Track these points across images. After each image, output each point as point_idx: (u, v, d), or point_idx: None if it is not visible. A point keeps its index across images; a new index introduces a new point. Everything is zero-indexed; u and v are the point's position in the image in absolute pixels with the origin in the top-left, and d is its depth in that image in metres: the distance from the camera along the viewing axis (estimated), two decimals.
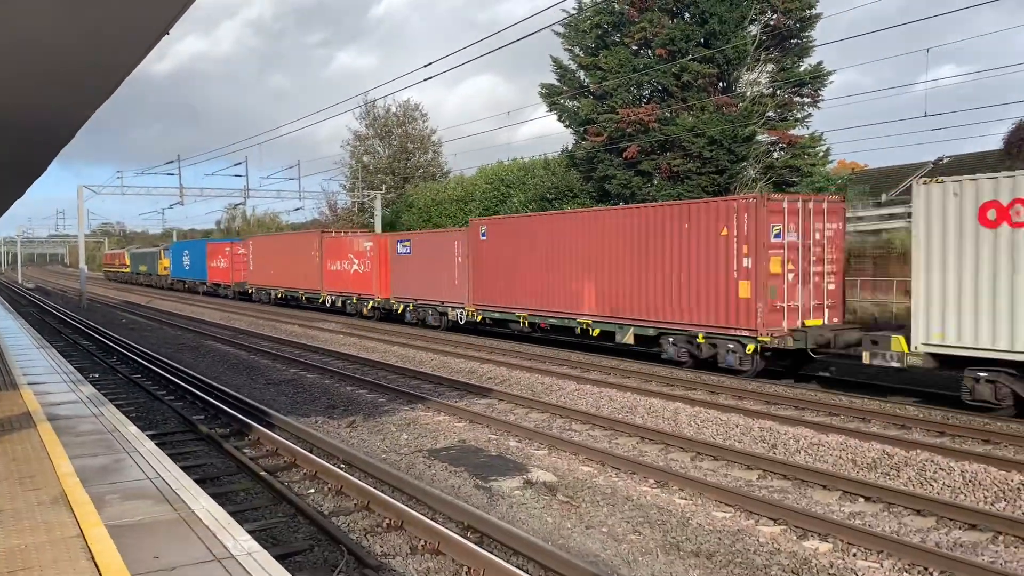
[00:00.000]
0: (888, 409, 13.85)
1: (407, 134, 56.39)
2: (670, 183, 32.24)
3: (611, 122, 33.41)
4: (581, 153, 36.31)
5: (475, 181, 45.62)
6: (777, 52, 33.13)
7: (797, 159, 32.71)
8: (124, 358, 21.79)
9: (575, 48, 36.46)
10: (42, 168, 18.28)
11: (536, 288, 23.24)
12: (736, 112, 31.35)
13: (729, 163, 31.06)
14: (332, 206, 59.15)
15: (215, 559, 4.78)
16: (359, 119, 56.25)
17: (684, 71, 31.85)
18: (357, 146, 56.98)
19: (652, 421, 13.43)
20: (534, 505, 9.24)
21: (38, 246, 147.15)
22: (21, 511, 5.71)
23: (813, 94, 33.53)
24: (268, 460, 11.15)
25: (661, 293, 18.91)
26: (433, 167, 56.73)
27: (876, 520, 8.66)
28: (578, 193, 36.90)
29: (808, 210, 17.24)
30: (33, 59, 7.55)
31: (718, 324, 17.52)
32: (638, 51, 34.44)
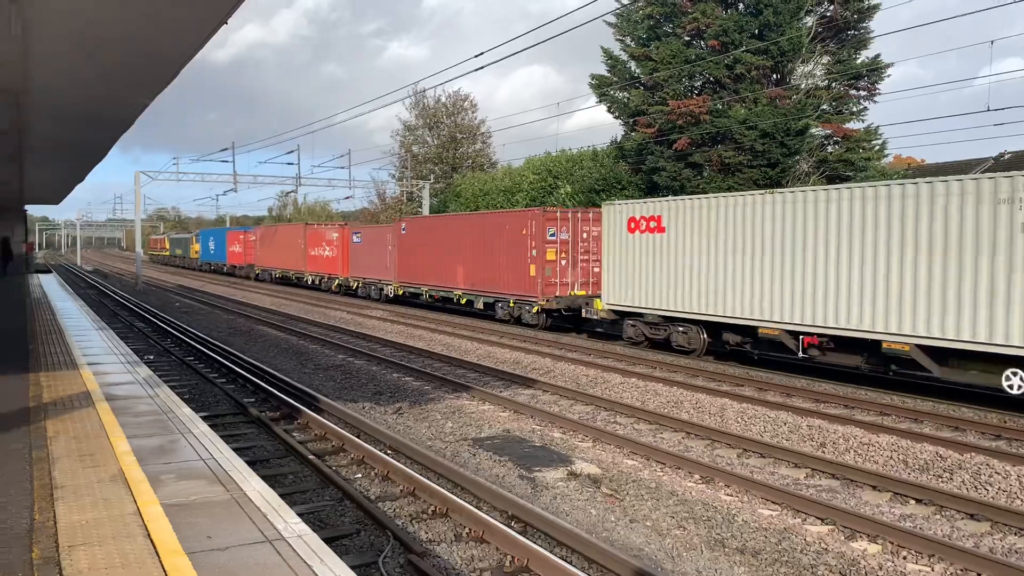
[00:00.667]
0: (942, 410, 13.55)
1: (456, 124, 56.60)
2: (721, 176, 31.86)
3: (661, 113, 33.11)
4: (630, 145, 36.05)
5: (522, 172, 45.59)
6: (833, 44, 32.49)
7: (852, 153, 32.08)
8: (178, 341, 22.30)
9: (626, 39, 36.18)
10: (103, 153, 18.80)
11: (433, 270, 31.06)
12: (790, 105, 30.84)
13: (781, 156, 30.59)
14: (381, 195, 59.69)
15: (266, 540, 4.87)
16: (409, 109, 56.63)
17: (737, 62, 31.41)
18: (407, 136, 57.39)
19: (698, 416, 13.33)
20: (578, 497, 9.25)
21: (96, 230, 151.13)
22: (82, 488, 5.89)
23: (870, 87, 32.85)
24: (316, 444, 11.33)
25: (495, 273, 26.90)
26: (481, 157, 56.88)
27: (928, 523, 8.50)
28: (626, 185, 36.68)
29: (577, 218, 25.45)
30: (99, 48, 7.75)
31: (521, 293, 25.65)
32: (690, 42, 34.04)
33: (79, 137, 15.04)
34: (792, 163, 31.18)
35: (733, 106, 31.63)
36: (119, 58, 8.40)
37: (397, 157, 57.58)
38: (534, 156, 46.71)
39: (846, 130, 32.36)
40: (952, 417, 13.01)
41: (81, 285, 49.23)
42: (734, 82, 32.26)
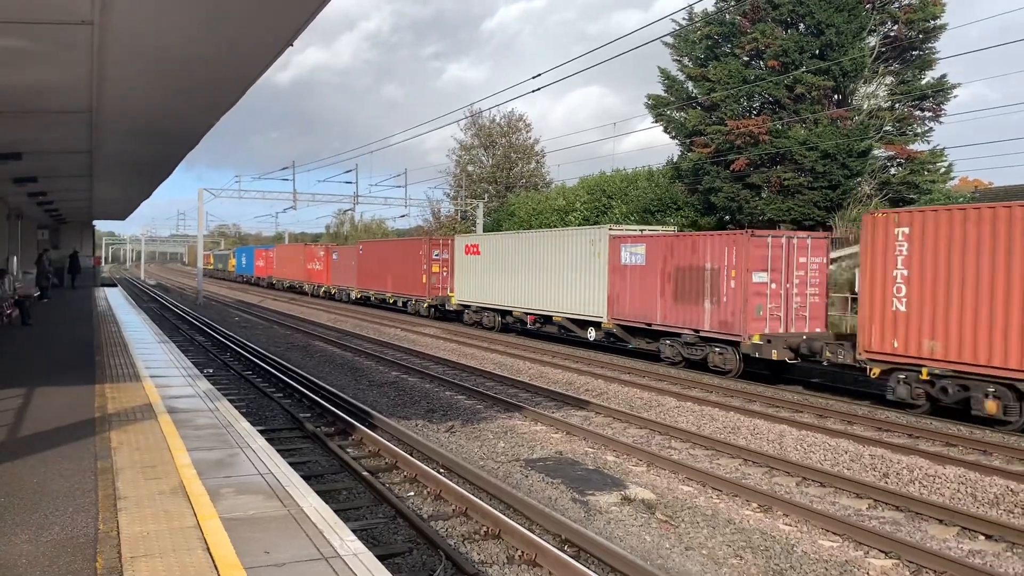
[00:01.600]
0: (1012, 442, 13.04)
1: (511, 144, 56.93)
2: (780, 197, 31.40)
3: (719, 134, 32.83)
4: (687, 165, 35.80)
5: (576, 191, 45.59)
6: (897, 64, 31.90)
7: (916, 175, 31.36)
8: (237, 355, 22.72)
9: (684, 59, 36.04)
10: (169, 170, 19.34)
11: (379, 279, 42.16)
12: (851, 126, 30.29)
13: (843, 178, 30.05)
14: (436, 214, 60.24)
15: (323, 558, 4.89)
16: (464, 129, 57.16)
17: (797, 83, 31.01)
18: (462, 155, 57.92)
19: (756, 443, 13.06)
20: (632, 522, 9.11)
21: (160, 245, 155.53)
22: (144, 499, 6.00)
23: (935, 108, 32.14)
24: (370, 461, 11.39)
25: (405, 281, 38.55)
26: (536, 177, 57.07)
27: (998, 560, 8.16)
28: (682, 206, 36.41)
29: (449, 243, 35.71)
30: (170, 69, 7.97)
31: (417, 294, 37.30)
32: (749, 62, 33.76)
33: (147, 155, 15.49)
34: (854, 185, 30.59)
35: (793, 127, 31.20)
36: (188, 79, 8.63)
37: (452, 176, 58.15)
38: (588, 176, 46.71)
39: (910, 152, 31.68)
40: (1023, 450, 12.51)
41: (144, 299, 50.57)
42: (794, 102, 31.85)
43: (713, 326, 19.93)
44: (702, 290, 20.27)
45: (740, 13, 33.16)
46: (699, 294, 20.36)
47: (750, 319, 18.99)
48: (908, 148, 31.81)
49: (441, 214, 59.88)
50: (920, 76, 31.67)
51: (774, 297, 19.26)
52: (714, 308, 19.90)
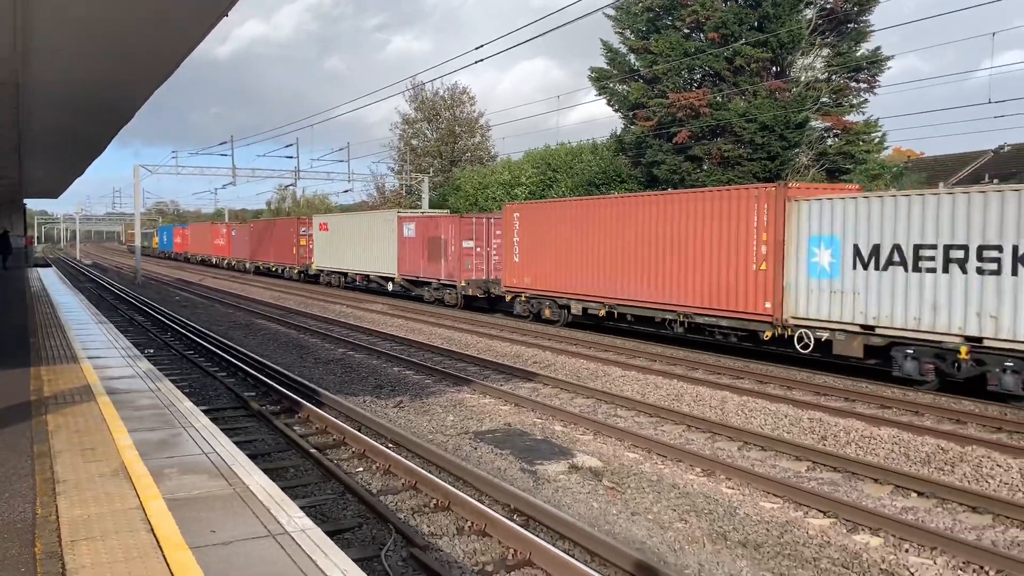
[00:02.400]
0: (942, 403, 13.55)
1: (455, 117, 56.50)
2: (720, 169, 31.82)
3: (661, 106, 33.05)
4: (630, 138, 36.00)
5: (522, 165, 45.52)
6: (833, 36, 32.44)
7: (852, 146, 32.05)
8: (178, 335, 22.29)
9: (626, 31, 36.10)
10: (102, 147, 18.74)
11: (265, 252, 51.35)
12: (789, 97, 30.78)
13: (781, 149, 30.55)
14: (380, 188, 59.61)
15: (270, 535, 4.86)
16: (408, 102, 56.52)
17: (737, 55, 31.34)
18: (405, 129, 57.30)
19: (699, 409, 13.33)
20: (579, 490, 9.25)
21: (95, 224, 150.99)
22: (83, 482, 5.87)
23: (870, 80, 32.81)
24: (317, 438, 11.33)
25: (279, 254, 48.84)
26: (480, 151, 56.79)
27: (929, 516, 8.50)
28: (626, 178, 36.65)
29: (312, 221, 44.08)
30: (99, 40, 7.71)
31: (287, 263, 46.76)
32: (690, 35, 33.97)
33: (78, 130, 14.98)
34: (791, 156, 31.15)
35: (733, 99, 31.58)
36: (119, 51, 8.36)
37: (396, 150, 57.53)
38: (533, 150, 46.67)
39: (846, 123, 32.34)
40: (953, 410, 13.01)
41: (80, 279, 49.16)
42: (734, 75, 32.20)
43: (445, 276, 30.57)
44: (440, 253, 30.56)
45: None
46: (439, 256, 30.68)
47: (463, 271, 29.65)
48: (844, 119, 32.46)
49: (386, 189, 59.29)
50: (855, 48, 32.28)
51: (477, 257, 29.80)
52: (445, 264, 30.43)
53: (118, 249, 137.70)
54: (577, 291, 22.87)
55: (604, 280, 21.73)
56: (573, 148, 43.39)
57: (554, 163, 42.68)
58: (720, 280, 18.10)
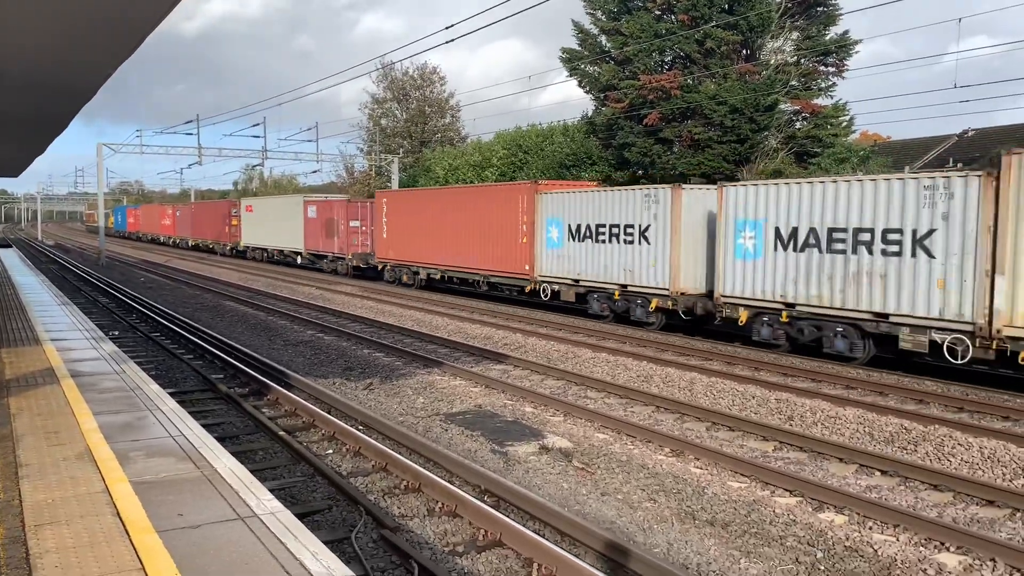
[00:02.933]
0: (906, 383, 13.79)
1: (424, 97, 56.05)
2: (691, 151, 31.94)
3: (632, 88, 33.03)
4: (601, 120, 35.95)
5: (492, 147, 45.34)
6: (802, 20, 32.58)
7: (820, 129, 32.28)
8: (144, 316, 21.98)
9: (597, 12, 35.96)
10: (63, 125, 18.25)
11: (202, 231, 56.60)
12: (759, 80, 30.92)
13: (751, 132, 30.71)
14: (349, 169, 59.09)
15: (239, 518, 4.83)
16: (377, 82, 55.96)
17: (707, 37, 31.39)
18: (375, 109, 56.75)
19: (668, 390, 13.44)
20: (550, 471, 9.29)
21: (58, 203, 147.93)
22: (47, 466, 5.78)
23: (838, 63, 33.00)
24: (286, 420, 11.25)
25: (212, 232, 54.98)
26: (451, 131, 56.44)
27: (893, 494, 8.66)
28: (597, 160, 36.65)
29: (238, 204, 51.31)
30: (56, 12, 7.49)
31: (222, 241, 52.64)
32: (661, 16, 33.93)
33: (37, 108, 14.57)
34: (761, 139, 31.33)
35: (703, 81, 31.66)
36: (79, 25, 8.13)
37: (365, 131, 57.00)
38: (504, 131, 46.48)
39: (814, 106, 32.53)
40: (916, 390, 13.25)
41: (42, 260, 48.26)
42: (704, 57, 32.26)
43: (337, 250, 37.19)
44: (334, 231, 36.99)
45: None
46: (333, 233, 37.00)
47: (350, 246, 36.12)
48: (812, 103, 32.67)
49: (355, 169, 58.79)
50: (824, 32, 32.45)
51: (362, 234, 35.94)
52: (338, 240, 36.87)
53: (80, 230, 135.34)
54: (424, 261, 29.83)
55: (439, 252, 28.53)
56: (544, 130, 43.27)
57: (525, 145, 42.56)
58: (503, 250, 25.02)
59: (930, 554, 7.05)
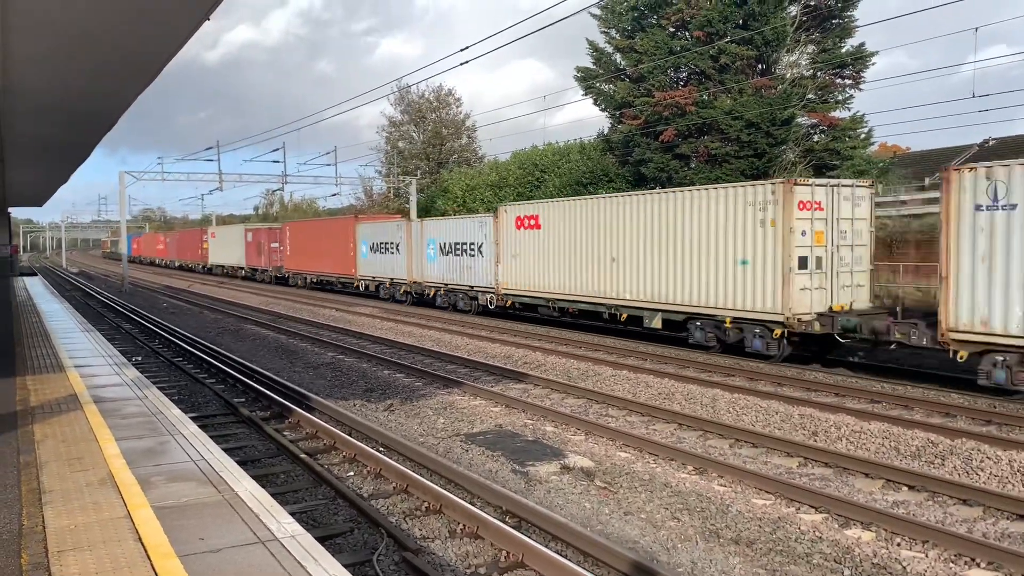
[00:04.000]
0: (932, 397, 13.60)
1: (441, 119, 56.41)
2: (708, 166, 31.88)
3: (647, 105, 33.10)
4: (617, 137, 36.03)
5: (508, 166, 45.48)
6: (818, 33, 32.56)
7: (838, 142, 32.15)
8: (166, 342, 22.15)
9: (611, 31, 36.14)
10: (86, 153, 18.60)
11: (184, 253, 69.77)
12: (775, 94, 30.87)
13: (768, 146, 30.64)
14: (368, 192, 59.47)
15: (259, 541, 4.82)
16: (393, 104, 56.42)
17: (722, 53, 31.42)
18: (392, 132, 57.18)
19: (690, 407, 13.33)
20: (571, 490, 9.23)
21: (81, 231, 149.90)
22: (70, 492, 5.82)
23: (855, 75, 32.92)
24: (307, 443, 11.27)
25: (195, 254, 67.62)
26: (467, 152, 56.72)
27: (920, 509, 8.52)
28: (614, 177, 36.67)
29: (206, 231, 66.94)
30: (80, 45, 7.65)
31: (199, 261, 66.07)
32: (675, 33, 34.03)
33: (61, 137, 14.87)
34: (778, 153, 31.24)
35: (719, 97, 31.65)
36: (101, 56, 8.29)
37: (383, 153, 57.41)
38: (520, 150, 46.64)
39: (832, 119, 32.43)
40: (942, 403, 13.06)
41: (67, 287, 48.85)
42: (719, 73, 32.28)
43: (263, 265, 49.49)
44: (262, 251, 49.89)
45: None
46: (261, 253, 50.00)
47: (272, 261, 48.14)
48: (830, 115, 32.56)
49: (373, 192, 59.16)
50: (840, 44, 32.39)
51: (280, 253, 46.71)
52: (263, 258, 49.41)
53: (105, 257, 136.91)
54: (310, 270, 42.82)
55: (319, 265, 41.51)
56: (560, 148, 43.38)
57: (541, 163, 42.67)
58: (340, 259, 38.70)
59: (960, 570, 6.93)
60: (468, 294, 28.26)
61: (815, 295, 16.35)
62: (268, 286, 47.17)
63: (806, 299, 16.22)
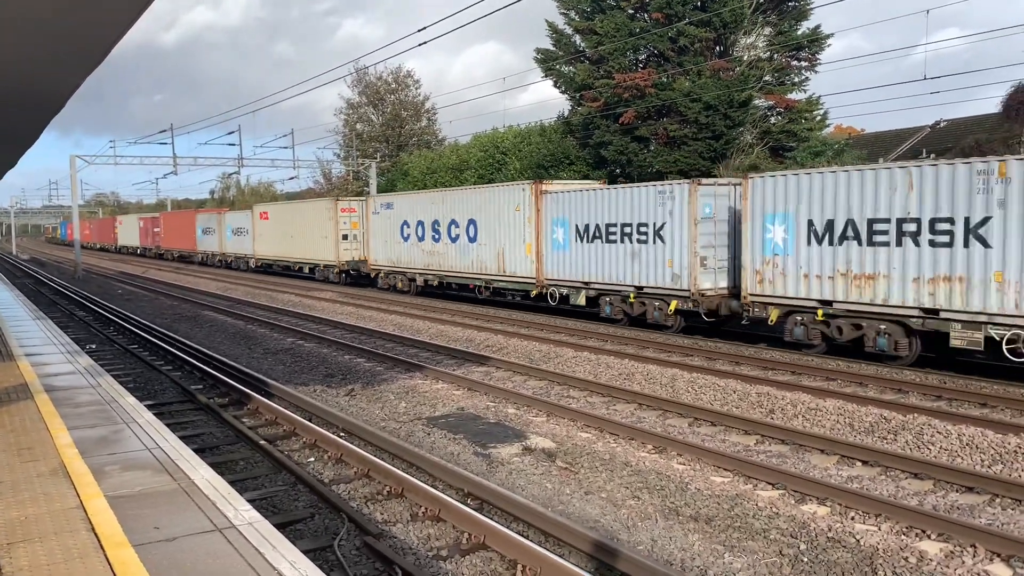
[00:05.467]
0: (885, 373, 13.89)
1: (400, 101, 55.91)
2: (667, 149, 32.06)
3: (607, 87, 33.13)
4: (577, 119, 36.05)
5: (470, 149, 45.29)
6: (775, 15, 32.81)
7: (794, 124, 32.52)
8: (121, 329, 21.75)
9: (571, 12, 36.05)
10: (33, 137, 18.02)
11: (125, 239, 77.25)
12: (733, 77, 31.09)
13: (726, 128, 30.88)
14: (327, 175, 58.84)
15: (216, 529, 4.77)
16: (351, 86, 55.77)
17: (681, 35, 31.54)
18: (350, 114, 56.55)
19: (650, 387, 13.46)
20: (533, 471, 9.27)
21: (32, 217, 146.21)
22: (20, 482, 5.69)
23: (811, 58, 33.26)
24: (267, 429, 11.17)
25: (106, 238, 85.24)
26: (427, 135, 56.33)
27: (874, 484, 8.71)
28: (574, 160, 36.70)
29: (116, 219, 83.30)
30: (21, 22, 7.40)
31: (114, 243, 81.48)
32: (634, 15, 34.05)
33: (6, 121, 14.41)
34: (736, 135, 31.50)
35: (678, 79, 31.78)
36: (45, 36, 8.03)
37: (342, 136, 56.78)
38: (482, 133, 46.44)
39: (788, 101, 32.77)
40: (895, 380, 13.35)
41: (17, 274, 47.70)
42: (678, 55, 32.41)
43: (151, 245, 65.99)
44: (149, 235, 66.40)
45: None
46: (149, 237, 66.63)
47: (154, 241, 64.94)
48: (786, 98, 32.91)
49: (332, 175, 58.53)
50: (796, 27, 32.69)
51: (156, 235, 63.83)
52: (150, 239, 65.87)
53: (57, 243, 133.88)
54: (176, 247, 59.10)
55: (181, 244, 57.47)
56: (521, 131, 43.27)
57: (502, 146, 42.56)
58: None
59: (911, 542, 7.10)
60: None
61: None
62: (219, 270, 49.06)
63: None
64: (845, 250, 14.93)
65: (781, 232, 15.99)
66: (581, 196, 21.12)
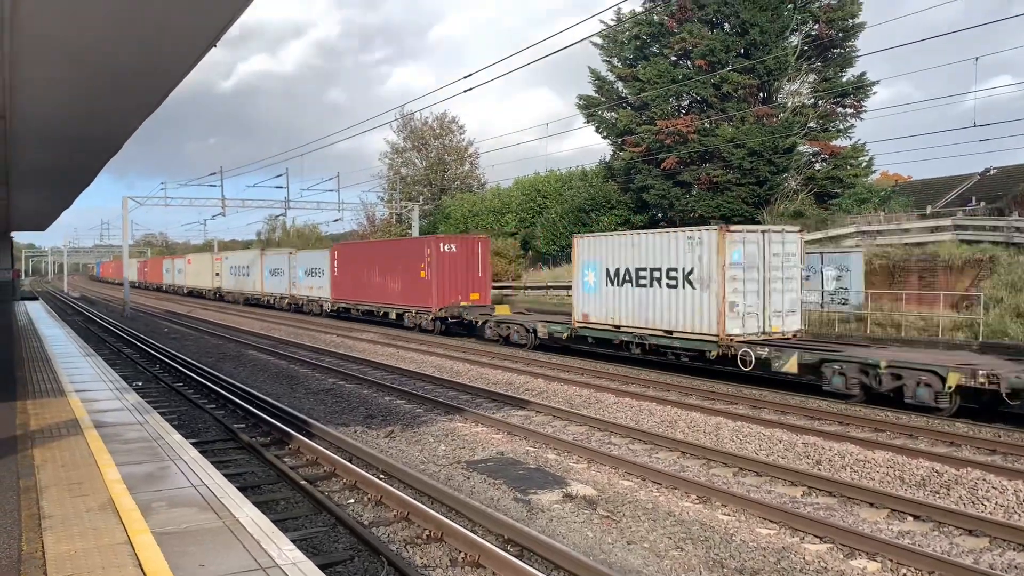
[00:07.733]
0: (936, 426, 13.53)
1: (444, 146, 56.73)
2: (710, 194, 31.99)
3: (649, 133, 33.28)
4: (619, 164, 36.21)
5: (511, 192, 45.67)
6: (819, 62, 32.81)
7: (839, 170, 32.29)
8: (167, 367, 22.10)
9: (613, 59, 36.43)
10: (90, 179, 18.68)
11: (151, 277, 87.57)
12: (776, 123, 31.04)
13: (770, 174, 30.75)
14: (370, 217, 59.65)
15: (260, 568, 4.78)
16: (396, 131, 56.76)
17: (724, 82, 31.65)
18: (394, 158, 57.49)
19: (693, 436, 13.26)
20: (574, 519, 9.15)
21: (83, 256, 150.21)
22: (70, 517, 5.77)
23: (856, 104, 33.13)
24: (308, 469, 11.20)
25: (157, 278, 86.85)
26: (470, 179, 56.98)
27: (926, 539, 8.44)
28: (615, 204, 36.80)
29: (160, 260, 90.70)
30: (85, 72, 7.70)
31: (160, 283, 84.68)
32: (677, 62, 34.31)
33: (65, 162, 14.95)
34: (780, 180, 31.34)
35: (720, 125, 31.83)
36: (106, 82, 8.35)
37: (386, 179, 57.68)
38: (523, 177, 46.86)
39: (833, 147, 32.60)
40: (947, 433, 12.99)
41: (68, 312, 48.86)
42: (721, 101, 32.49)
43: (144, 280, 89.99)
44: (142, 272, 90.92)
45: (667, 13, 33.68)
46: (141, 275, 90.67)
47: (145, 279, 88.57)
48: (831, 144, 32.73)
49: (376, 218, 59.34)
50: (841, 73, 32.64)
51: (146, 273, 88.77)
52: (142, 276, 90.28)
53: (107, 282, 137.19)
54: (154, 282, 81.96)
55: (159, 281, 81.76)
56: (563, 175, 43.57)
57: (544, 190, 42.84)
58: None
59: None
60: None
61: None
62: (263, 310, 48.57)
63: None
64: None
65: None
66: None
